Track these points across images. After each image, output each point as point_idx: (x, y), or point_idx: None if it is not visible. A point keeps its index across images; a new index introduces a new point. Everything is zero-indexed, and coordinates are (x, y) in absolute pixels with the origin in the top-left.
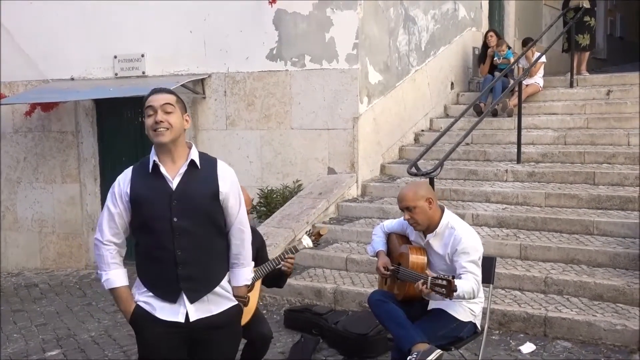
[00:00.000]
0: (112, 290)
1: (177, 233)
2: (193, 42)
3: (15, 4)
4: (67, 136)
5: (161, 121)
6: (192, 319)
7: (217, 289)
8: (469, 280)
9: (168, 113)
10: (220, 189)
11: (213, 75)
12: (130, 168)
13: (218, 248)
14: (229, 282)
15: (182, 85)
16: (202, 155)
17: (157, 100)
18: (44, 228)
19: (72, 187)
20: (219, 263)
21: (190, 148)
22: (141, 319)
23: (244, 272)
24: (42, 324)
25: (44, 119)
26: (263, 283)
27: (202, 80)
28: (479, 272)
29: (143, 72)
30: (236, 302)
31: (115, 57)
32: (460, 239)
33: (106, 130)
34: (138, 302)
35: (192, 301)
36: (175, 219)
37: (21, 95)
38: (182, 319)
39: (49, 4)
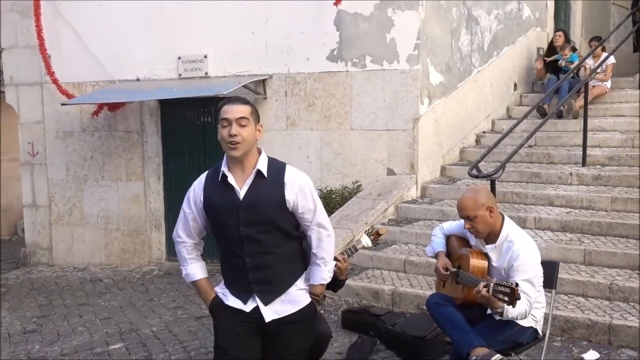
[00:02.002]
0: (193, 283)
1: (245, 242)
2: (255, 43)
3: (83, 6)
4: (132, 135)
5: (235, 135)
6: (267, 319)
7: (291, 289)
8: (521, 301)
9: (242, 127)
10: (287, 198)
11: (274, 76)
12: (205, 174)
13: (288, 251)
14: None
15: (244, 86)
16: (271, 161)
17: (233, 112)
18: (109, 225)
19: (136, 185)
20: (291, 265)
21: (260, 154)
22: (216, 307)
23: (320, 271)
24: (106, 318)
25: (110, 118)
26: None
27: (264, 81)
28: (533, 292)
29: (206, 73)
30: (310, 301)
31: (179, 58)
32: (518, 255)
33: (170, 129)
34: (217, 291)
35: (265, 303)
36: (242, 228)
37: (89, 95)
38: (247, 310)
39: (116, 6)
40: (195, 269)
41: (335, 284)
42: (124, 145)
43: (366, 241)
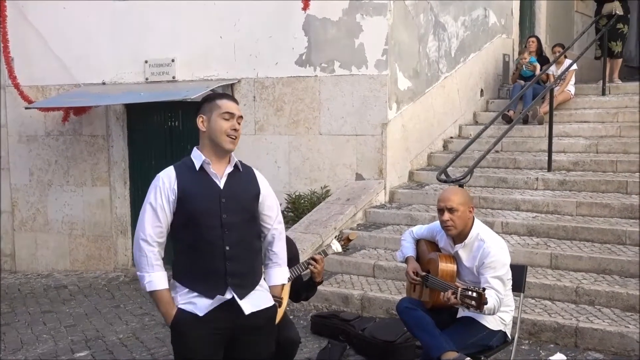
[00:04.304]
0: (154, 293)
1: (226, 229)
2: (223, 47)
3: (48, 8)
4: (98, 140)
5: (237, 130)
6: (247, 312)
7: (259, 286)
8: (491, 297)
9: (239, 124)
10: (261, 191)
11: (242, 80)
12: (172, 167)
13: (257, 247)
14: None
15: (212, 91)
16: (240, 161)
17: (236, 109)
18: (73, 230)
19: (102, 190)
20: (259, 262)
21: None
22: (184, 323)
23: (282, 271)
24: (71, 325)
25: (75, 122)
26: (289, 297)
27: (232, 85)
28: (502, 289)
29: (173, 77)
30: (274, 302)
31: (146, 61)
32: (489, 253)
33: (136, 134)
34: (179, 306)
35: (241, 297)
36: (224, 215)
37: (53, 99)
38: (229, 296)
39: (81, 8)
40: (160, 278)
41: (309, 288)
42: (89, 150)
43: (336, 246)
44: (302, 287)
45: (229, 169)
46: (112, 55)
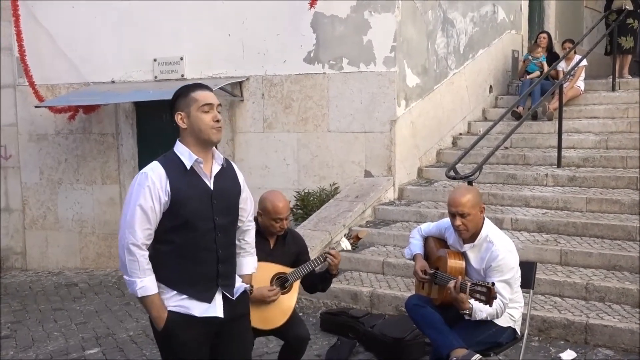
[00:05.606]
0: (146, 298)
1: (219, 232)
2: (231, 45)
3: (57, 8)
4: (108, 138)
5: (219, 120)
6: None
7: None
8: (495, 303)
9: (219, 112)
10: (242, 186)
11: (251, 78)
12: (159, 165)
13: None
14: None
15: (221, 88)
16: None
17: (213, 98)
18: (83, 228)
19: (111, 188)
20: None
21: None
22: (175, 324)
23: (253, 260)
24: (82, 323)
25: (84, 121)
26: (305, 289)
27: (240, 83)
28: (508, 294)
29: (182, 75)
30: (247, 289)
31: (155, 60)
32: (497, 256)
33: (146, 132)
34: (170, 308)
35: (232, 296)
36: (216, 218)
37: (63, 97)
38: (220, 314)
39: (89, 7)
40: (152, 282)
41: (325, 280)
42: (99, 148)
43: (345, 244)
44: (317, 279)
45: (216, 167)
46: (121, 54)
